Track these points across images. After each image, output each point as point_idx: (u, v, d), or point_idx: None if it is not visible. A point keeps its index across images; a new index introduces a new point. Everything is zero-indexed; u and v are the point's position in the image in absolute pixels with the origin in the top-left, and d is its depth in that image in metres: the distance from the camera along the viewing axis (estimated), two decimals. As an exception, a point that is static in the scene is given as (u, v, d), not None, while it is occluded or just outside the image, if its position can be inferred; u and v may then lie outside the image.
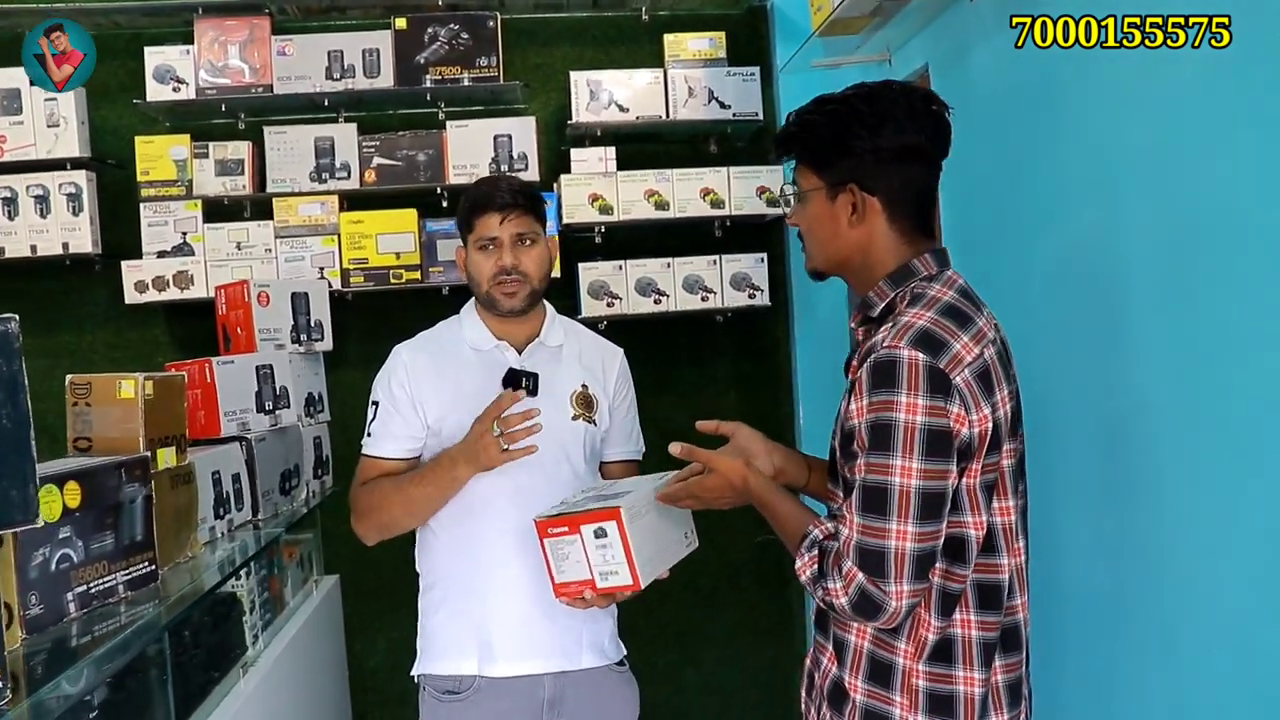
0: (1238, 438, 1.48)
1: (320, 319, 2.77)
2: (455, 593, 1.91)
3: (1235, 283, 1.49)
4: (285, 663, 2.23)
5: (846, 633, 1.41)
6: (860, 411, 1.31)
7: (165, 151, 3.02)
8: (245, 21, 3.03)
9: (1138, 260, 1.72)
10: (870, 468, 1.29)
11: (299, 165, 3.03)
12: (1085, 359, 1.88)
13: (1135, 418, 1.74)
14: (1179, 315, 1.61)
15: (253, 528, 2.34)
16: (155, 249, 3.01)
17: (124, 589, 1.68)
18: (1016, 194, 2.13)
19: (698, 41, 3.15)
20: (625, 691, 2.01)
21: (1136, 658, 1.75)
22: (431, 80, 3.02)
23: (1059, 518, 1.97)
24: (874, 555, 1.28)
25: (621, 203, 3.03)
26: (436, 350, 1.96)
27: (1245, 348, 1.49)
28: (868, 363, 1.31)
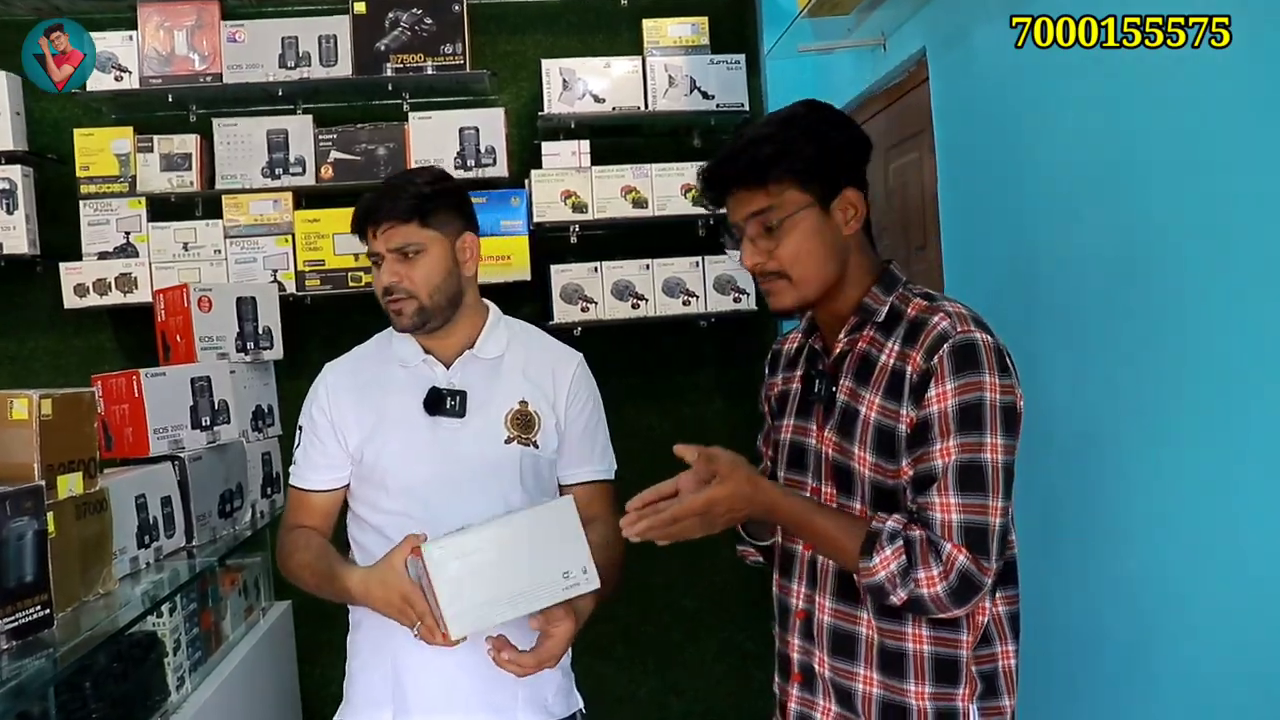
0: (1240, 438, 1.43)
1: (269, 325, 2.57)
2: (375, 635, 1.67)
3: (1238, 281, 1.44)
4: (219, 704, 2.03)
5: (902, 641, 1.37)
6: (943, 396, 1.30)
7: (106, 145, 2.83)
8: (193, 6, 2.84)
9: (1145, 258, 1.64)
10: (964, 448, 1.29)
11: (250, 160, 2.83)
12: (1084, 354, 1.79)
13: (1137, 412, 1.67)
14: (1181, 313, 1.56)
15: (186, 555, 2.14)
16: (96, 250, 2.82)
17: (6, 640, 1.48)
18: (1016, 179, 2.00)
19: (679, 27, 2.95)
20: None
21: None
22: (393, 69, 2.83)
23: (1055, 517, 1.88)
24: (978, 533, 1.29)
25: (597, 200, 2.83)
26: (363, 369, 1.76)
27: (1246, 345, 1.45)
28: (946, 348, 1.30)
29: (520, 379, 1.74)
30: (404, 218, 1.67)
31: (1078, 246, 1.82)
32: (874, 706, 1.37)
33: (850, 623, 1.40)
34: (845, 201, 1.38)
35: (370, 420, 1.68)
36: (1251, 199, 1.43)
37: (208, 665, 2.12)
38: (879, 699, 1.37)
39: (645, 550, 1.42)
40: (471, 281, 1.75)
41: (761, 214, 1.38)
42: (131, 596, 1.84)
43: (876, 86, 2.63)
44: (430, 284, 1.67)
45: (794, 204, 1.37)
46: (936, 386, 1.30)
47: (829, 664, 1.41)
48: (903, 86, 2.52)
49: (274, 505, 2.59)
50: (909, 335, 1.35)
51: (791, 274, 1.39)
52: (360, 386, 1.72)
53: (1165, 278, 1.62)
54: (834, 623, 1.41)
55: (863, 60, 2.65)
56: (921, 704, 1.35)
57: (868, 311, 1.40)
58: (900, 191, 2.60)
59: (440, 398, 1.69)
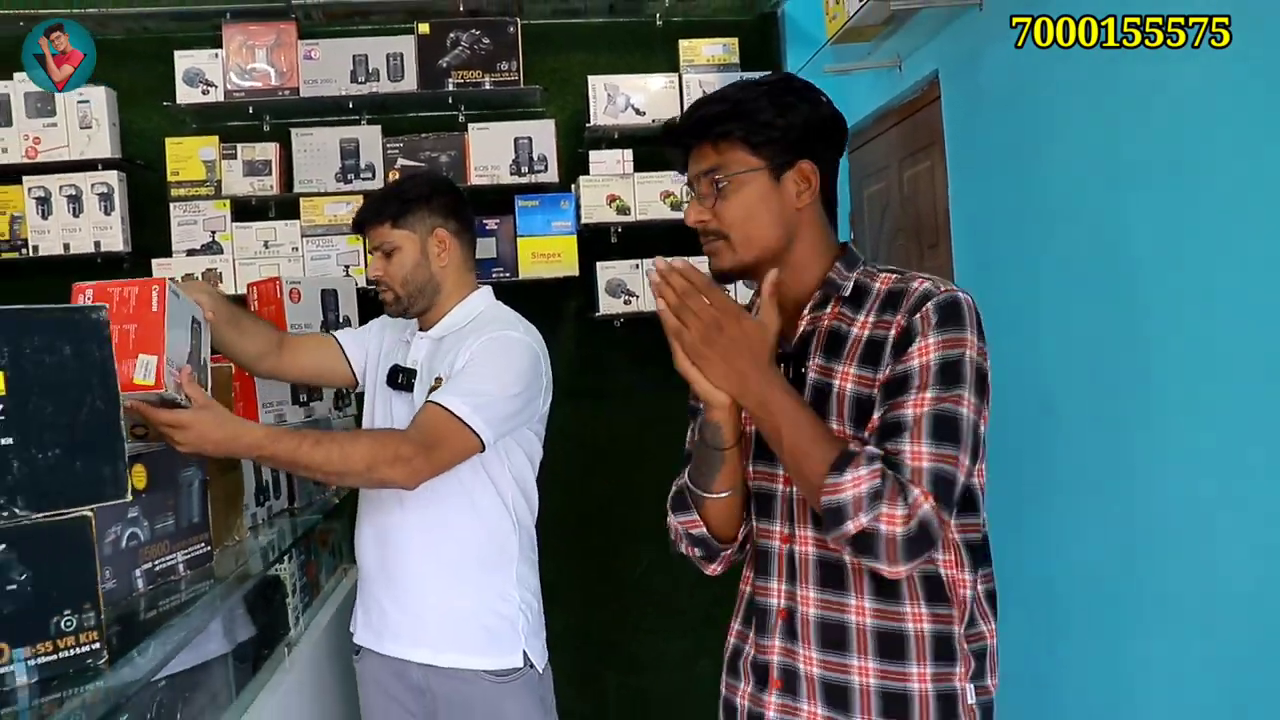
0: (1246, 430, 1.57)
1: (349, 315, 2.85)
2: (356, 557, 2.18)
3: (1238, 281, 1.58)
4: (322, 645, 2.32)
5: (901, 622, 1.31)
6: (925, 350, 1.25)
7: (195, 152, 3.11)
8: (272, 26, 3.12)
9: (1144, 256, 1.80)
10: (940, 399, 1.23)
11: (325, 166, 3.12)
12: (1094, 350, 1.97)
13: (1143, 409, 1.82)
14: (1187, 309, 1.70)
15: (289, 515, 2.42)
16: (185, 247, 3.10)
17: (183, 568, 1.77)
18: (1024, 194, 2.22)
19: (711, 47, 3.24)
20: (502, 705, 1.99)
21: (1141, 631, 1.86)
22: (454, 84, 3.11)
23: (1063, 504, 2.07)
24: (946, 484, 1.22)
25: (639, 203, 3.12)
26: (393, 329, 2.19)
27: (1245, 342, 1.57)
28: (932, 304, 1.27)
29: (449, 357, 1.96)
30: (378, 220, 2.03)
31: (1076, 245, 2.02)
32: (872, 698, 1.30)
33: (839, 611, 1.33)
34: (799, 173, 1.35)
35: (372, 376, 2.13)
36: (1252, 198, 1.54)
37: (311, 609, 2.41)
38: (877, 689, 1.30)
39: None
40: (450, 270, 2.04)
41: (710, 173, 1.35)
42: (256, 545, 2.13)
43: (892, 103, 2.92)
44: (401, 276, 2.02)
45: (741, 164, 1.34)
46: (920, 340, 1.26)
47: (817, 660, 1.34)
48: (916, 104, 2.81)
49: (352, 476, 2.88)
50: (886, 304, 1.32)
51: (731, 235, 1.35)
52: (384, 344, 2.15)
53: (1162, 276, 1.76)
54: (820, 614, 1.34)
55: (879, 80, 2.94)
56: (924, 686, 1.29)
57: (833, 286, 1.36)
58: (913, 197, 2.90)
59: (395, 373, 2.05)
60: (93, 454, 1.30)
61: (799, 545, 1.36)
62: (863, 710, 1.31)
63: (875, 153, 3.11)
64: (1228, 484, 1.63)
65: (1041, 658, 2.18)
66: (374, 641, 2.08)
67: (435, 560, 2.00)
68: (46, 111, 3.05)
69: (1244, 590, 1.58)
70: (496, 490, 2.02)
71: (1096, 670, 2.01)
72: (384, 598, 2.05)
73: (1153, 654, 1.83)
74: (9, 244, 3.06)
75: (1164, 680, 1.81)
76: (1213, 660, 1.67)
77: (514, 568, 2.04)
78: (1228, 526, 1.63)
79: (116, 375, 1.33)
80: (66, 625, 1.26)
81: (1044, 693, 2.18)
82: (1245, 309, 1.56)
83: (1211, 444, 1.66)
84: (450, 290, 2.07)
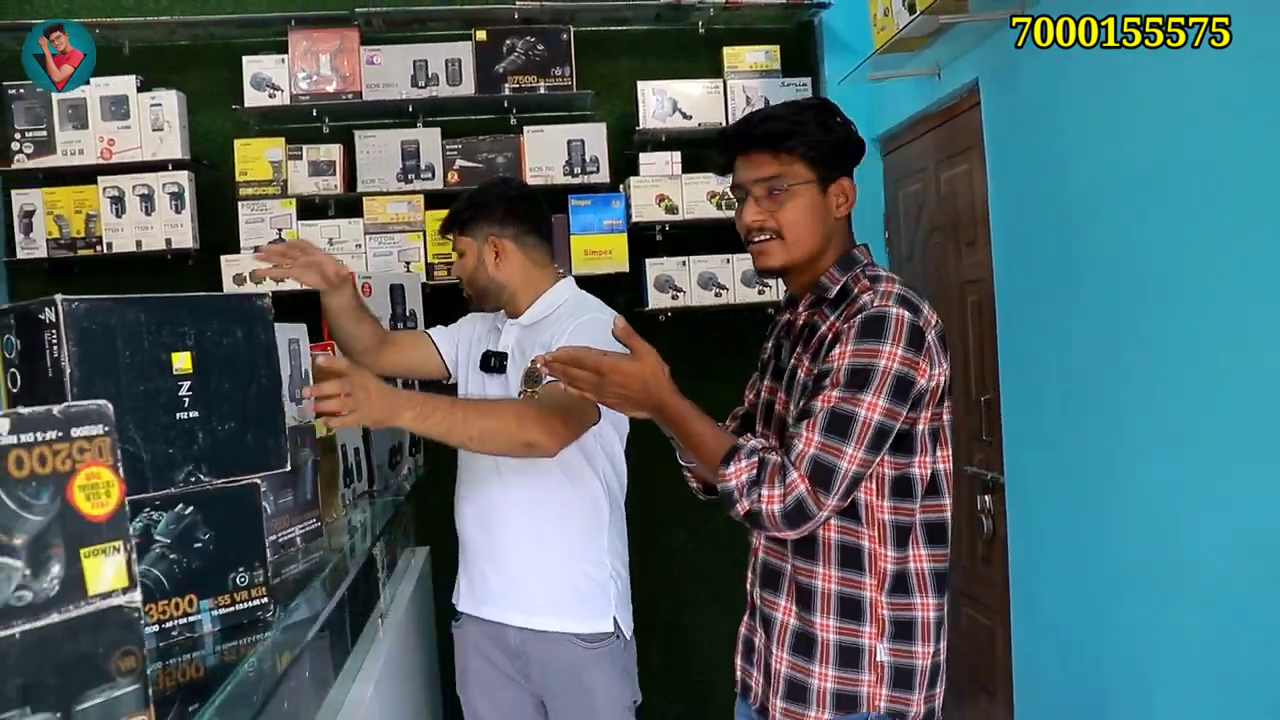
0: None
1: (414, 308, 3.00)
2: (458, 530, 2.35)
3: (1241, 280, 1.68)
4: (405, 618, 2.46)
5: (812, 579, 1.58)
6: (843, 355, 1.48)
7: (262, 153, 3.25)
8: (336, 33, 3.26)
9: (1179, 259, 1.90)
10: (842, 399, 1.46)
11: (387, 167, 3.26)
12: (1128, 342, 2.09)
13: (1180, 405, 1.93)
14: (1214, 300, 1.80)
15: (369, 498, 2.57)
16: (252, 244, 3.24)
17: (300, 540, 1.91)
18: (1062, 195, 2.35)
19: (754, 54, 3.39)
20: (588, 671, 2.15)
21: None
22: (510, 89, 3.26)
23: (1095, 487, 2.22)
24: (824, 470, 1.44)
25: (686, 203, 3.27)
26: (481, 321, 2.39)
27: (1246, 337, 1.69)
28: (859, 317, 1.49)
29: (543, 338, 2.11)
30: (450, 228, 2.27)
31: (1108, 243, 2.14)
32: (789, 635, 1.60)
33: (779, 559, 1.64)
34: (840, 187, 1.59)
35: (464, 365, 2.35)
36: (1252, 198, 1.65)
37: (391, 584, 2.55)
38: (794, 628, 1.60)
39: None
40: (516, 272, 2.21)
41: (770, 179, 1.57)
42: (350, 523, 2.27)
43: (930, 109, 3.07)
44: (467, 277, 2.26)
45: (799, 176, 1.57)
46: (840, 346, 1.49)
47: (760, 598, 1.68)
48: (954, 110, 2.96)
49: (417, 464, 3.03)
50: (845, 309, 1.55)
51: (786, 235, 1.57)
52: (475, 334, 2.37)
53: (1180, 273, 1.86)
54: (764, 560, 1.67)
55: (918, 86, 3.09)
56: (826, 635, 1.57)
57: (820, 289, 1.61)
58: (951, 197, 3.04)
59: (487, 357, 2.24)
60: (261, 427, 1.44)
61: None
62: (779, 644, 1.62)
63: (912, 155, 3.26)
64: (1260, 467, 1.73)
65: (1086, 632, 2.33)
66: (475, 607, 2.26)
67: (535, 529, 2.16)
68: (121, 115, 3.19)
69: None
70: (589, 462, 2.17)
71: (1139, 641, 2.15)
72: (486, 566, 2.23)
73: (1190, 625, 1.97)
74: (85, 241, 3.20)
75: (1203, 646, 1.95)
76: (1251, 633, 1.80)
77: (606, 536, 2.20)
78: (1267, 510, 1.75)
79: (278, 357, 1.48)
80: (240, 581, 1.41)
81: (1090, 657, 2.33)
82: (1270, 299, 1.67)
83: (1241, 429, 1.77)
84: (522, 287, 2.23)
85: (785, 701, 1.61)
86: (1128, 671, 2.16)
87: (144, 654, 0.96)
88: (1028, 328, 2.54)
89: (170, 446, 1.34)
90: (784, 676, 1.61)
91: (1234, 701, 1.84)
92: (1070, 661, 2.38)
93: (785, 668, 1.61)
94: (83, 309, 1.26)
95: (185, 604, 1.34)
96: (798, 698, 1.59)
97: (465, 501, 2.30)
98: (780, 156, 1.57)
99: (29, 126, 3.17)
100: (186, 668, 1.28)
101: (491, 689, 2.27)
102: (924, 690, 1.57)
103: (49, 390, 1.25)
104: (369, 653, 2.10)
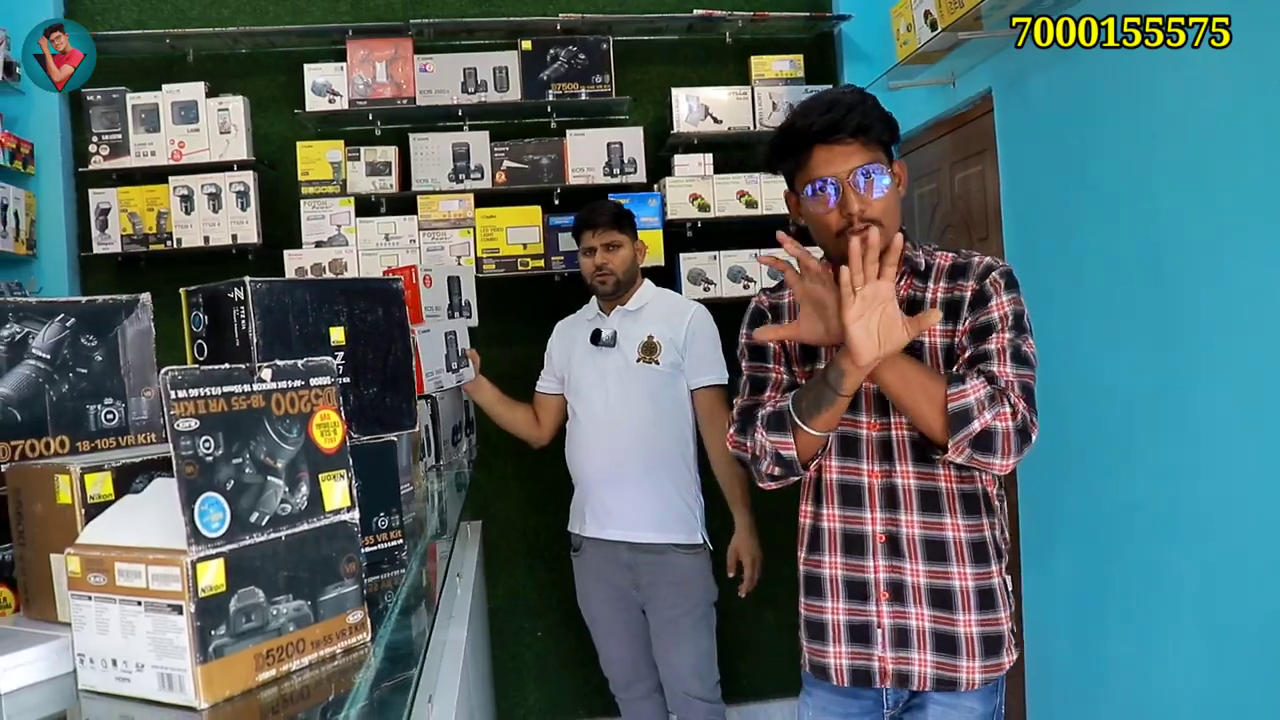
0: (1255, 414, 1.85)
1: (469, 299, 3.23)
2: (576, 478, 3.04)
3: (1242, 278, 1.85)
4: (468, 580, 2.70)
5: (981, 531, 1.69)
6: (1002, 305, 1.60)
7: (322, 155, 3.48)
8: (391, 42, 3.49)
9: (1179, 259, 2.07)
10: (1015, 340, 1.58)
11: (439, 167, 3.50)
12: (1134, 331, 2.27)
13: (1189, 397, 2.08)
14: (1221, 292, 1.96)
15: (435, 471, 2.80)
16: (313, 240, 3.47)
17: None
18: (1073, 195, 2.55)
19: (780, 63, 3.63)
20: (687, 568, 2.87)
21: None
22: (553, 95, 3.49)
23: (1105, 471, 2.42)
24: (1029, 391, 1.57)
25: (717, 201, 3.52)
26: (570, 322, 3.13)
27: (1245, 334, 1.83)
28: (996, 274, 1.63)
29: (652, 322, 2.93)
30: (614, 224, 2.95)
31: (1116, 241, 2.30)
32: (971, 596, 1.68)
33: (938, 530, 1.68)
34: (900, 168, 1.68)
35: (566, 348, 3.07)
36: (1258, 196, 1.75)
37: (457, 549, 2.79)
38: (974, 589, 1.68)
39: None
40: (638, 267, 3.03)
41: (866, 167, 1.58)
42: (426, 491, 2.51)
43: (946, 114, 3.31)
44: (624, 267, 2.96)
45: (885, 161, 1.62)
46: (996, 298, 1.61)
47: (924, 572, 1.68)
48: (968, 115, 3.19)
49: (471, 442, 3.26)
50: (953, 274, 1.67)
51: (884, 221, 1.58)
52: (567, 330, 3.12)
53: (1189, 269, 1.98)
54: (924, 534, 1.69)
55: (935, 94, 3.33)
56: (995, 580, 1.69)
57: (909, 263, 1.70)
58: (964, 196, 3.28)
59: (597, 333, 2.95)
60: (397, 392, 1.68)
61: (899, 479, 1.69)
62: (963, 608, 1.66)
63: (927, 156, 3.50)
64: (1269, 453, 1.87)
65: (1090, 593, 2.55)
66: (598, 530, 2.94)
67: (652, 463, 2.86)
68: (190, 119, 3.41)
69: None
70: (684, 411, 2.92)
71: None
72: (608, 496, 2.91)
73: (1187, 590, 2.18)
74: (157, 237, 3.43)
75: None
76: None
77: (694, 470, 2.94)
78: (1273, 493, 1.88)
79: (410, 332, 1.71)
80: (381, 524, 1.64)
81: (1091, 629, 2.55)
82: (1276, 294, 1.81)
83: (1248, 418, 1.92)
84: (635, 280, 3.02)
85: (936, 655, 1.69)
86: (1135, 654, 2.36)
87: (362, 562, 1.20)
88: (1037, 324, 2.72)
89: (330, 407, 1.57)
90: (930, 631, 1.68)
91: (1235, 693, 2.00)
92: (1077, 614, 2.60)
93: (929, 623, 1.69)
94: (264, 288, 1.49)
95: (343, 541, 1.58)
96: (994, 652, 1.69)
97: (589, 450, 2.95)
98: (868, 145, 1.59)
99: (105, 130, 3.39)
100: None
101: (607, 598, 2.98)
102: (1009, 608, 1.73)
103: (235, 359, 1.48)
104: (454, 602, 2.33)
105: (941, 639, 1.68)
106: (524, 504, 3.67)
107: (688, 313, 2.94)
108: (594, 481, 2.96)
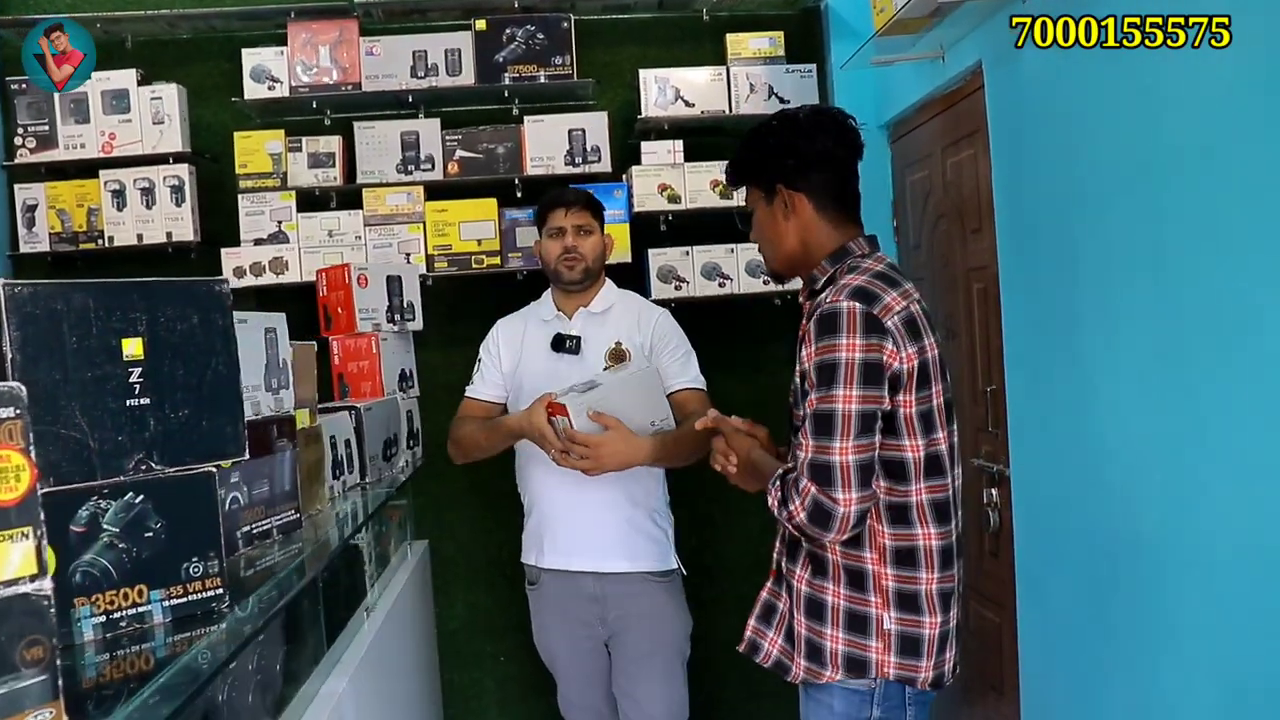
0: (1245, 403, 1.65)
1: (412, 300, 2.98)
2: (530, 502, 2.68)
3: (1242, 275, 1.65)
4: (395, 613, 2.44)
5: (824, 551, 1.71)
6: (809, 357, 1.61)
7: (261, 146, 3.24)
8: (335, 24, 3.24)
9: (1176, 239, 1.87)
10: (820, 400, 1.58)
11: (387, 158, 3.24)
12: (1131, 328, 2.05)
13: (1186, 393, 1.89)
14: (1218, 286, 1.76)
15: (360, 490, 2.54)
16: (252, 237, 3.23)
17: (276, 532, 1.89)
18: (1066, 180, 2.30)
19: (758, 41, 3.33)
20: (659, 598, 2.59)
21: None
22: (510, 78, 3.22)
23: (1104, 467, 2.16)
24: (823, 469, 1.57)
25: (689, 192, 3.23)
26: (518, 320, 2.73)
27: (1245, 332, 1.66)
28: (814, 317, 1.62)
29: (620, 325, 2.62)
30: (587, 208, 2.66)
31: (1112, 229, 2.08)
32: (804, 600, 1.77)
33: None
34: (780, 197, 1.78)
35: (517, 352, 2.66)
36: (1255, 185, 1.61)
37: (383, 579, 2.53)
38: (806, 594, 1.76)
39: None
40: (603, 265, 2.70)
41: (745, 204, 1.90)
42: (333, 515, 2.25)
43: (935, 92, 3.00)
44: (594, 255, 2.66)
45: (752, 200, 1.86)
46: (807, 348, 1.64)
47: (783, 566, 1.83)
48: (959, 93, 2.89)
49: (415, 456, 3.00)
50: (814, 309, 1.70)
51: (761, 251, 1.88)
52: (516, 330, 2.70)
53: (1187, 260, 1.83)
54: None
55: (922, 70, 3.02)
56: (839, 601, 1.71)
57: (812, 280, 1.79)
58: (956, 183, 2.98)
59: (561, 339, 2.60)
60: (217, 414, 1.42)
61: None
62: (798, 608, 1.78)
63: (918, 141, 3.19)
64: (1268, 458, 1.68)
65: (1088, 615, 2.27)
66: (560, 561, 2.59)
67: (621, 481, 2.49)
68: (121, 109, 3.19)
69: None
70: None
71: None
72: (572, 524, 2.57)
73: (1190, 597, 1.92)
74: (87, 235, 3.21)
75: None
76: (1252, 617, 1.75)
77: (663, 492, 2.65)
78: (1274, 502, 1.70)
79: (237, 342, 1.45)
80: (194, 571, 1.38)
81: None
82: (1274, 287, 1.63)
83: (1248, 420, 1.72)
84: (600, 276, 2.71)
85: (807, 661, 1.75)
86: (1132, 667, 2.10)
87: (54, 644, 0.93)
88: (1032, 316, 2.47)
89: (119, 433, 1.31)
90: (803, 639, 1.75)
91: (1236, 696, 1.78)
92: (1077, 657, 2.32)
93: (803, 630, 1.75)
94: (26, 293, 1.23)
95: (135, 594, 1.32)
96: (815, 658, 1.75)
97: (548, 469, 2.47)
98: (743, 187, 1.89)
99: (31, 121, 3.18)
100: (134, 659, 1.26)
101: (569, 636, 2.65)
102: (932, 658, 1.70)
103: (-8, 376, 1.23)
104: (350, 646, 2.07)
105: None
106: (483, 517, 3.39)
107: (653, 316, 2.68)
108: (554, 506, 2.61)
